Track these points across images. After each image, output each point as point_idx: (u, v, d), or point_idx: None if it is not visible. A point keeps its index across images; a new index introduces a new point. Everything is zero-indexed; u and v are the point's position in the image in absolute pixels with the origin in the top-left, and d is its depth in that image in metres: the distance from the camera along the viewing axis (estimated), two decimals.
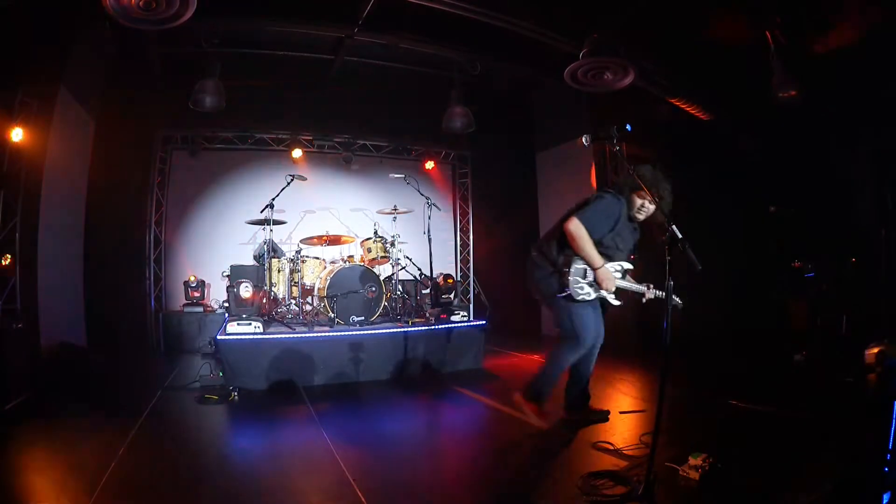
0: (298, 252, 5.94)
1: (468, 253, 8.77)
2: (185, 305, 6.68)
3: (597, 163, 6.74)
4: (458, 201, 8.84)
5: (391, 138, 8.16)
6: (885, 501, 1.90)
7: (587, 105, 6.66)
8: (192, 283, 6.70)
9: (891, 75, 4.60)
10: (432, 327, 5.23)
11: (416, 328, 5.15)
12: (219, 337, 4.63)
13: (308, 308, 5.69)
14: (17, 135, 4.37)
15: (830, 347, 4.72)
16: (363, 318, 5.18)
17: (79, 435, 3.26)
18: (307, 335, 4.73)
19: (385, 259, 5.90)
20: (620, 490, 2.34)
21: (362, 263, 5.60)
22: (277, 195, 5.52)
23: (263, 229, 5.68)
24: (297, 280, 5.65)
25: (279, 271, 5.78)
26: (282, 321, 5.48)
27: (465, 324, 5.40)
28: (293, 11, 5.27)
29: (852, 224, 5.42)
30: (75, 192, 5.77)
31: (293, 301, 5.70)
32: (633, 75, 4.79)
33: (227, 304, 5.49)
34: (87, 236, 5.96)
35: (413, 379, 4.91)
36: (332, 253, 6.53)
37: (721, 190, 6.10)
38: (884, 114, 4.92)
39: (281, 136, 7.56)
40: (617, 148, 2.70)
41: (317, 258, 5.90)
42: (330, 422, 3.61)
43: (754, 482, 2.40)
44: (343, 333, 4.83)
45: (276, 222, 5.70)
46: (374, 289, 5.31)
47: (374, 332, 4.96)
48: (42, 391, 4.08)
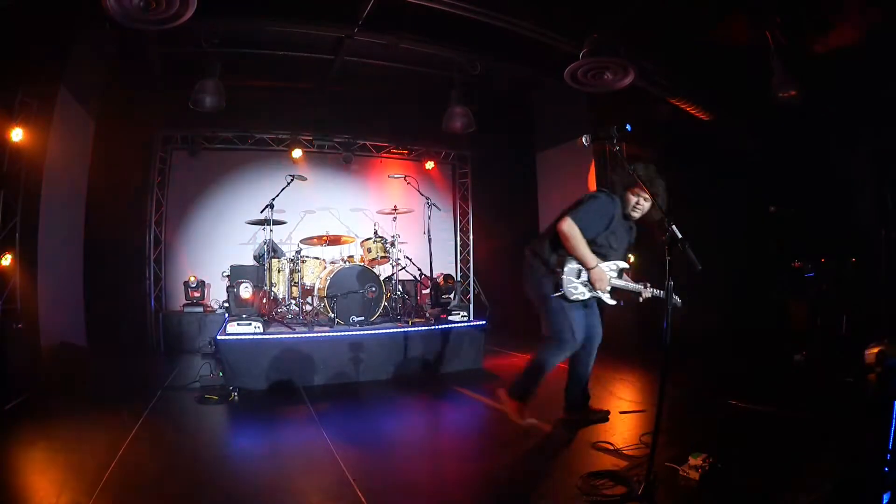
0: (298, 252, 5.94)
1: (468, 253, 8.76)
2: (185, 305, 6.68)
3: (597, 163, 6.74)
4: (458, 201, 8.83)
5: (391, 138, 8.15)
6: (885, 501, 1.90)
7: (587, 105, 6.66)
8: (192, 283, 6.70)
9: (891, 75, 4.59)
10: (432, 327, 5.22)
11: (416, 328, 5.15)
12: (219, 337, 4.63)
13: (308, 308, 5.69)
14: (17, 135, 4.36)
15: (830, 347, 4.72)
16: (363, 318, 5.18)
17: (79, 435, 3.26)
18: (307, 335, 4.73)
19: (385, 259, 5.90)
20: (620, 490, 2.34)
21: (362, 263, 5.60)
22: (277, 195, 5.53)
23: (263, 229, 5.68)
24: (297, 280, 5.65)
25: (279, 271, 5.78)
26: (282, 321, 5.48)
27: (465, 324, 5.40)
28: (293, 11, 5.26)
29: (852, 224, 5.42)
30: (75, 192, 5.76)
31: (293, 301, 5.70)
32: (633, 75, 4.79)
33: (227, 305, 5.51)
34: (87, 236, 5.94)
35: (413, 379, 4.91)
36: (332, 253, 6.52)
37: (721, 190, 6.08)
38: (884, 114, 4.91)
39: (281, 136, 7.55)
40: (617, 148, 2.68)
41: (317, 258, 5.90)
42: (330, 422, 3.61)
43: (754, 482, 2.40)
44: (343, 333, 4.83)
45: (276, 222, 5.70)
46: (373, 289, 5.31)
47: (373, 332, 4.96)
48: (42, 391, 4.08)
